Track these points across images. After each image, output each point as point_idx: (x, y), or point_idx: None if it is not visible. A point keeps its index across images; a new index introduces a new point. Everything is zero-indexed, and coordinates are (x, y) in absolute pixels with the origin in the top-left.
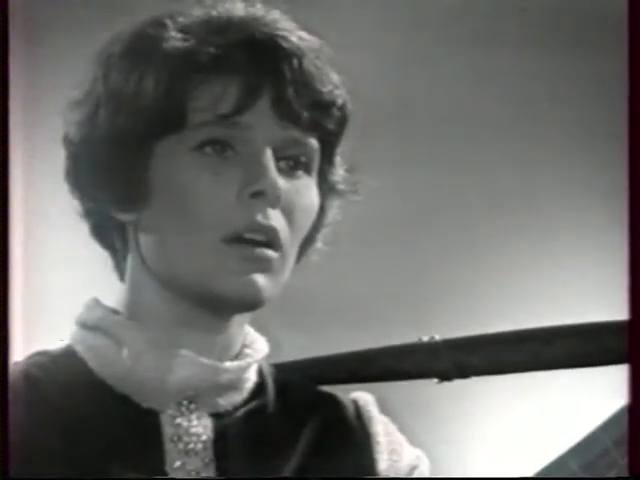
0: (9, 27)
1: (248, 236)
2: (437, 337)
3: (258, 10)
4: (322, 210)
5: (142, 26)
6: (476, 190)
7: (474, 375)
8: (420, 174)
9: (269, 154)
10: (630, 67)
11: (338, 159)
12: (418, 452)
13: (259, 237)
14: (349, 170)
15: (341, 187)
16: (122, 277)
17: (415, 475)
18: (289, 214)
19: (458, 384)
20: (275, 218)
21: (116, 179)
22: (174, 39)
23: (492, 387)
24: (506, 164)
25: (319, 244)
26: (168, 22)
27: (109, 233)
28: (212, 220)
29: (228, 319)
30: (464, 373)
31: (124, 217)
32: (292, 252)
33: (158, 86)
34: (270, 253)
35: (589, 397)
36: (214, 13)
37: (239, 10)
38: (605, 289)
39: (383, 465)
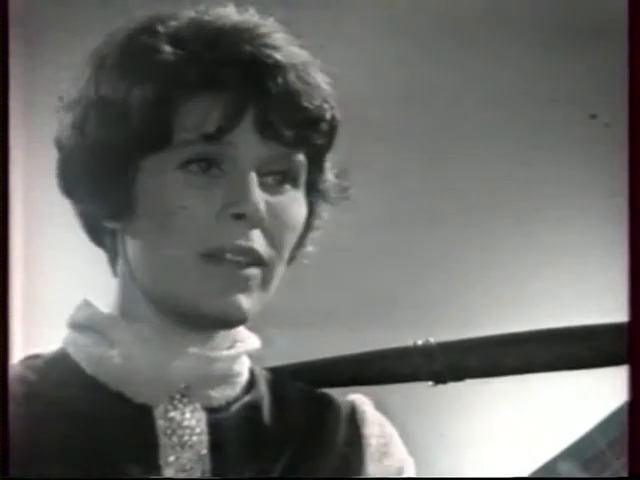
0: (9, 27)
1: (229, 257)
2: (432, 340)
3: (251, 17)
4: (312, 214)
5: (135, 32)
6: (474, 191)
7: (469, 378)
8: (416, 175)
9: (253, 175)
10: (630, 67)
11: (328, 165)
12: (410, 460)
13: (239, 258)
14: (339, 175)
15: (331, 194)
16: (115, 273)
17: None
18: (272, 232)
19: (453, 387)
20: (256, 239)
21: (102, 189)
22: (164, 52)
23: (488, 390)
24: (504, 165)
25: (309, 248)
26: (160, 28)
27: (101, 233)
28: (193, 236)
29: (214, 331)
30: (459, 376)
31: (110, 224)
32: (278, 268)
33: (144, 105)
34: (253, 272)
35: (586, 399)
36: (206, 19)
37: (231, 18)
38: (604, 291)
39: (371, 468)
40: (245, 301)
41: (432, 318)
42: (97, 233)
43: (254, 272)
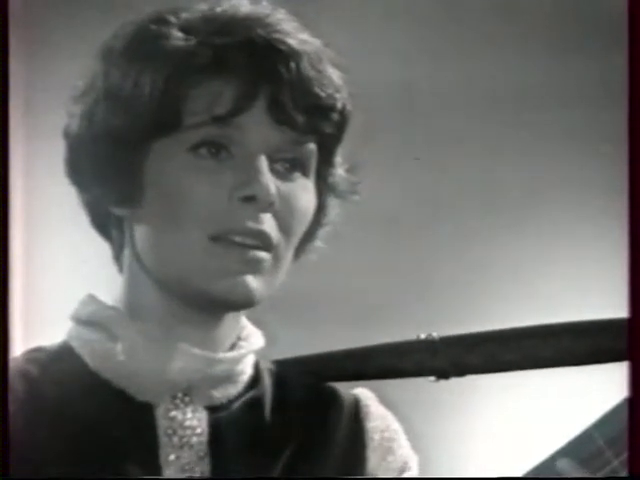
0: (9, 27)
1: (238, 240)
2: (435, 335)
3: (263, 9)
4: (321, 209)
5: (145, 22)
6: (476, 188)
7: (471, 373)
8: (419, 173)
9: (263, 158)
10: (630, 67)
11: (338, 160)
12: (414, 458)
13: (249, 241)
14: (349, 170)
15: (340, 188)
16: (121, 269)
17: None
18: (282, 218)
19: (456, 382)
20: (267, 222)
21: (111, 176)
22: (175, 38)
23: (489, 385)
24: (506, 163)
25: (318, 242)
26: (172, 19)
27: (107, 224)
28: (202, 220)
29: (222, 315)
30: (462, 371)
31: (119, 212)
32: (286, 254)
33: (154, 87)
34: (262, 255)
35: (587, 395)
36: (218, 10)
37: (243, 8)
38: (605, 287)
39: (373, 463)
40: (253, 282)
41: (435, 313)
42: (103, 225)
43: (262, 255)
